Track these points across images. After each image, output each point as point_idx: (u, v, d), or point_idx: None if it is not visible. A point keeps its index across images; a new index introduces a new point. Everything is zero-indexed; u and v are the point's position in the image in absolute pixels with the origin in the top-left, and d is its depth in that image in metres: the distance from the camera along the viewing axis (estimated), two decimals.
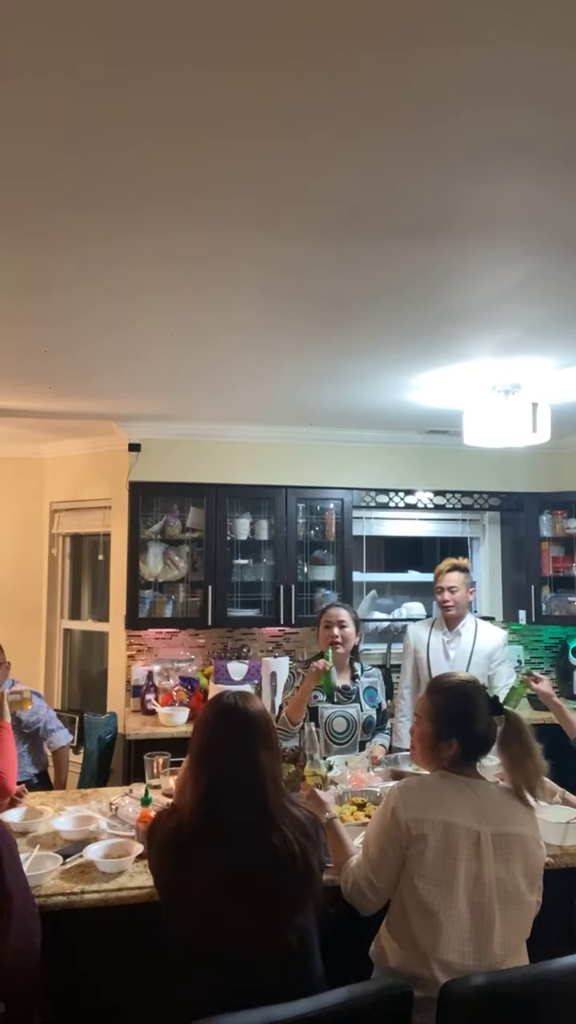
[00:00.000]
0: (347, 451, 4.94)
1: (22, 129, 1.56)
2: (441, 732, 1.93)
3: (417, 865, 1.78)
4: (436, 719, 1.95)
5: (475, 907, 1.76)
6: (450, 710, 1.94)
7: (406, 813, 1.82)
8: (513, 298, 2.48)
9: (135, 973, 2.10)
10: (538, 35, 1.29)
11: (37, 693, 3.63)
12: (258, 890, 1.70)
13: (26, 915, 1.83)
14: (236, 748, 1.80)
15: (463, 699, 1.96)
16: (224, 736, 1.83)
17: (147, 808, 2.44)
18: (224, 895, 1.69)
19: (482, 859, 1.78)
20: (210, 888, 1.69)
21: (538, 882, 1.87)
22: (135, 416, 4.48)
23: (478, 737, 1.92)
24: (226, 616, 4.58)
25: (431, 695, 2.00)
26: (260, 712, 1.89)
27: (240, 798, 1.76)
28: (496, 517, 5.31)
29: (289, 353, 3.17)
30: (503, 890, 1.78)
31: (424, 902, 1.76)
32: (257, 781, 1.77)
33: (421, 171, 1.72)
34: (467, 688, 1.99)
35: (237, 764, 1.78)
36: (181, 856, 1.74)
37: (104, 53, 1.33)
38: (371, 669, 3.44)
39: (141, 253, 2.17)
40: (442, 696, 1.98)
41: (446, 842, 1.78)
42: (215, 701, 1.92)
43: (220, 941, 1.68)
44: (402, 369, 3.38)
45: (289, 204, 1.88)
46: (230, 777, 1.77)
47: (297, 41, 1.30)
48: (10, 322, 2.79)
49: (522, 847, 1.83)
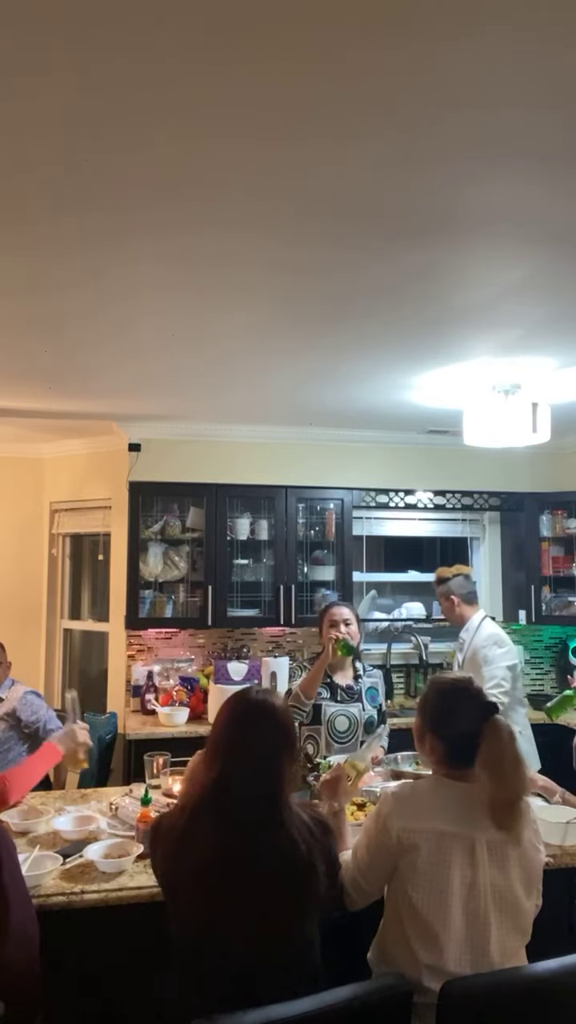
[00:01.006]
0: (347, 451, 4.94)
1: (22, 130, 1.56)
2: (424, 726, 1.96)
3: (410, 874, 1.77)
4: (421, 713, 1.99)
5: (470, 914, 1.75)
6: (434, 707, 1.96)
7: (399, 823, 1.81)
8: (513, 298, 2.48)
9: (135, 973, 2.10)
10: (538, 35, 1.29)
11: (37, 693, 3.62)
12: (260, 890, 1.69)
13: (25, 918, 1.82)
14: (254, 744, 1.78)
15: (446, 697, 1.96)
16: (245, 730, 1.81)
17: (147, 808, 2.44)
18: (224, 891, 1.68)
19: (477, 866, 1.77)
20: (209, 884, 1.68)
21: (537, 887, 1.86)
22: (135, 416, 4.48)
23: (460, 737, 1.88)
24: (226, 616, 4.58)
25: (425, 691, 2.04)
26: (284, 711, 1.87)
27: (250, 794, 1.74)
28: (496, 517, 5.31)
29: (289, 353, 3.17)
30: (499, 897, 1.77)
31: (418, 911, 1.76)
32: (271, 781, 1.76)
33: (421, 171, 1.72)
34: (454, 687, 1.99)
35: (252, 760, 1.76)
36: (182, 846, 1.72)
37: (104, 53, 1.33)
38: (372, 670, 3.45)
39: (141, 254, 2.17)
40: (431, 691, 2.01)
41: (439, 852, 1.77)
42: (241, 695, 1.90)
43: (220, 940, 1.68)
44: (402, 369, 3.38)
45: (289, 204, 1.88)
46: (243, 772, 1.75)
47: (297, 41, 1.30)
48: (10, 322, 2.79)
49: (519, 853, 1.81)
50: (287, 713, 1.90)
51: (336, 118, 1.52)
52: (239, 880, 1.68)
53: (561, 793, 2.64)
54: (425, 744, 1.95)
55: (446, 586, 3.95)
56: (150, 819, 2.41)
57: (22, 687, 3.60)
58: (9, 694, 3.55)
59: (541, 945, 1.85)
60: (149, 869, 2.28)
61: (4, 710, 3.54)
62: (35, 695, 3.61)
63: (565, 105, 1.48)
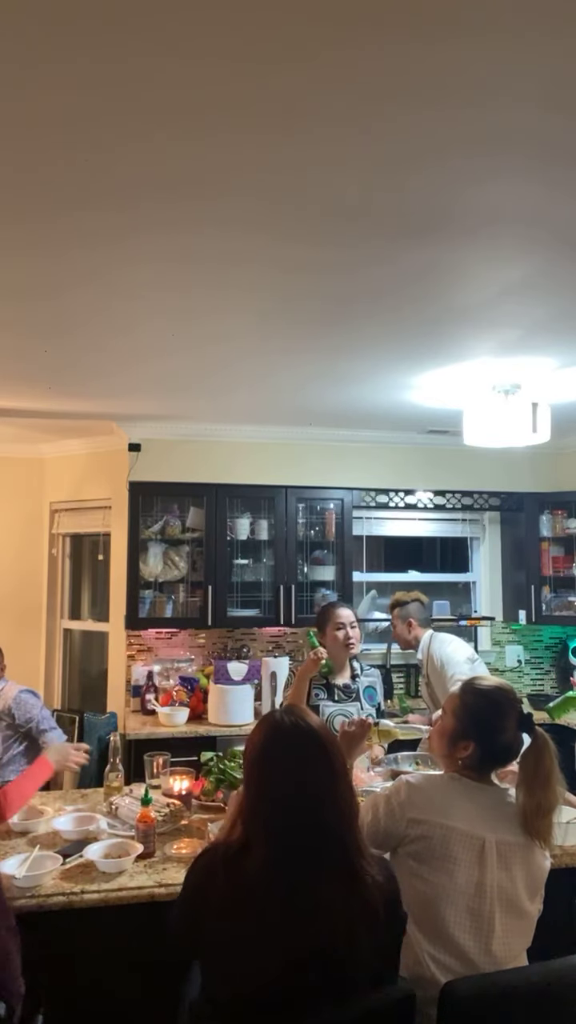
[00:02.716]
0: (347, 451, 4.94)
1: (22, 129, 1.56)
2: (462, 731, 1.90)
3: (415, 865, 1.78)
4: (462, 717, 1.91)
5: (474, 913, 1.75)
6: (477, 712, 1.90)
7: (410, 812, 1.81)
8: (513, 298, 2.48)
9: (135, 973, 2.10)
10: (538, 34, 1.29)
11: (32, 692, 3.61)
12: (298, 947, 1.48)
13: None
14: (283, 771, 1.56)
15: (493, 705, 1.90)
16: (270, 758, 1.59)
17: (147, 808, 2.44)
18: (261, 943, 1.48)
19: (485, 866, 1.76)
20: (244, 935, 1.49)
21: (540, 892, 1.86)
22: (135, 416, 4.48)
23: (499, 747, 1.87)
24: (226, 616, 4.57)
25: (463, 693, 1.95)
26: (319, 727, 1.62)
27: (296, 834, 1.51)
28: (496, 517, 5.31)
29: (289, 354, 3.17)
30: (504, 898, 1.77)
31: (422, 904, 1.76)
32: (316, 810, 1.52)
33: (421, 171, 1.72)
34: (499, 695, 1.92)
35: (288, 789, 1.54)
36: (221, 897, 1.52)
37: (104, 50, 1.33)
38: (370, 669, 3.47)
39: (141, 254, 2.17)
40: (473, 696, 1.93)
41: (444, 846, 1.77)
42: (260, 721, 1.69)
43: (249, 993, 1.49)
44: (402, 369, 3.38)
45: (289, 204, 1.88)
46: (283, 806, 1.53)
47: (297, 40, 1.30)
48: (10, 323, 2.79)
49: (525, 856, 1.82)
50: (320, 727, 1.65)
51: (336, 117, 1.52)
52: (274, 931, 1.49)
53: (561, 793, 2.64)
54: (458, 746, 1.90)
55: (405, 610, 4.11)
56: (150, 819, 2.41)
57: (15, 686, 3.57)
58: (2, 694, 3.55)
59: (541, 945, 1.86)
60: (149, 869, 2.29)
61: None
62: (30, 694, 3.59)
63: (565, 105, 1.48)
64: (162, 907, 1.80)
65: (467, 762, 1.90)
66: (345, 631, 3.28)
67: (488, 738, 1.88)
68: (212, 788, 2.79)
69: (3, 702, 3.51)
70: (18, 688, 3.57)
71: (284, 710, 1.68)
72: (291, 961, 1.47)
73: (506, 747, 1.88)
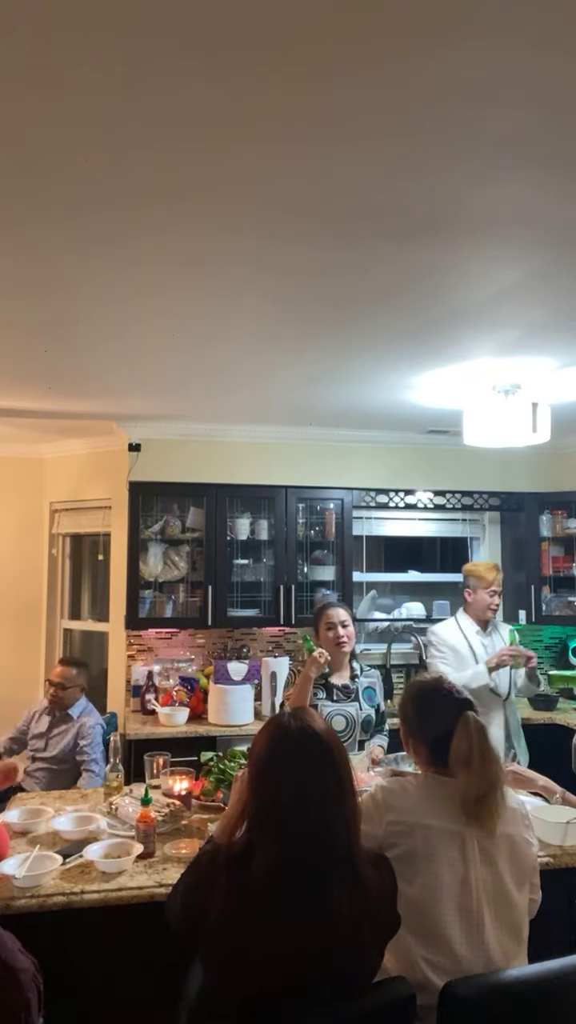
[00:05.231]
0: (347, 451, 4.94)
1: (22, 129, 1.56)
2: (409, 733, 2.02)
3: (401, 870, 1.77)
4: (403, 721, 2.05)
5: (463, 910, 1.75)
6: (412, 711, 2.03)
7: (388, 815, 1.84)
8: (513, 298, 2.48)
9: (135, 973, 2.10)
10: (537, 36, 1.29)
11: (103, 726, 3.84)
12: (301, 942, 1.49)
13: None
14: (289, 775, 1.55)
15: (421, 700, 2.03)
16: (276, 762, 1.58)
17: (147, 808, 2.44)
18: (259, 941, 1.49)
19: (468, 862, 1.78)
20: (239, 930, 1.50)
21: (530, 880, 1.86)
22: (135, 416, 4.48)
23: (439, 737, 1.91)
24: (226, 616, 4.57)
25: (403, 696, 2.10)
26: (325, 732, 1.62)
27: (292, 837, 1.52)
28: (496, 517, 5.31)
29: (290, 354, 3.17)
30: (491, 892, 1.78)
31: (412, 908, 1.76)
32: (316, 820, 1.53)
33: (421, 172, 1.72)
34: (427, 689, 2.04)
35: (293, 793, 1.54)
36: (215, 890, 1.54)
37: (105, 54, 1.33)
38: (370, 669, 3.46)
39: (141, 255, 2.17)
40: (408, 697, 2.07)
41: (427, 847, 1.78)
42: (267, 724, 1.69)
43: (253, 991, 1.50)
44: (402, 369, 3.38)
45: (289, 206, 1.88)
46: (288, 810, 1.53)
47: (298, 44, 1.30)
48: (10, 323, 2.79)
49: (509, 847, 1.82)
50: (326, 732, 1.64)
51: (338, 120, 1.52)
52: (279, 930, 1.50)
53: (561, 793, 2.64)
54: (410, 748, 2.02)
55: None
56: (150, 819, 2.41)
57: (95, 717, 3.82)
58: (79, 719, 3.79)
59: (541, 945, 1.86)
60: (149, 869, 2.29)
61: (72, 732, 3.73)
62: (100, 728, 3.80)
63: (564, 107, 1.48)
64: (162, 907, 1.79)
65: (424, 760, 1.96)
66: (336, 631, 3.29)
67: (428, 732, 1.95)
68: (212, 788, 2.79)
69: (77, 727, 3.74)
70: (96, 720, 3.80)
71: (291, 714, 1.67)
72: (294, 962, 1.48)
73: (445, 735, 1.89)
